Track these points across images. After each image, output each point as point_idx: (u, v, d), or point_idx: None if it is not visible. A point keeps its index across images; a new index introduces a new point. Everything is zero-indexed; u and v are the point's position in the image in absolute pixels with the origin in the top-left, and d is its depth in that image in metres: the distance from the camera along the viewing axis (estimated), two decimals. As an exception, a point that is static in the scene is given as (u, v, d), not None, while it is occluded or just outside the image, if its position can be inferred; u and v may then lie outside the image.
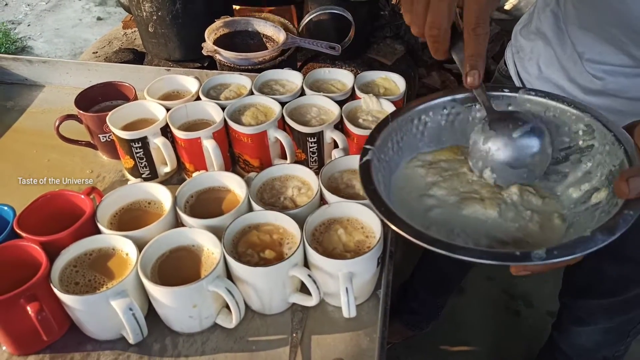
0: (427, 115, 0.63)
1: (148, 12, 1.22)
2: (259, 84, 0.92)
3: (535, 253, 0.44)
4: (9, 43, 3.47)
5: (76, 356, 0.65)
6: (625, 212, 0.46)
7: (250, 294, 0.66)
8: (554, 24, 0.81)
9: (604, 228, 0.46)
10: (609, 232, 0.45)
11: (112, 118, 0.83)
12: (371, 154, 0.57)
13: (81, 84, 1.02)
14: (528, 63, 0.88)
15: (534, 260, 0.44)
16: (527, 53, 0.88)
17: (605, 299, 1.04)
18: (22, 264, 0.63)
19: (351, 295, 0.62)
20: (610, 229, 0.45)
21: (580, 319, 1.14)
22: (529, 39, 0.89)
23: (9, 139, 1.01)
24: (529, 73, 0.88)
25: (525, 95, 0.61)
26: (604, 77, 0.75)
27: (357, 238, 0.68)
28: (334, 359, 0.64)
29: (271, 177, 0.76)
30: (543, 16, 0.84)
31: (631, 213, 0.46)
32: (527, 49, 0.89)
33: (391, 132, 0.61)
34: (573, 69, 0.79)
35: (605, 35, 0.72)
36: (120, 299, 0.60)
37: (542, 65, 0.85)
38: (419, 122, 0.63)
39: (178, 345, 0.66)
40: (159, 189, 0.74)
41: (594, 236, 0.45)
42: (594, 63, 0.76)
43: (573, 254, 0.45)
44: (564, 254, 0.44)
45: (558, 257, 0.44)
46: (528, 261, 0.44)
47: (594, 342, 1.14)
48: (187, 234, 0.68)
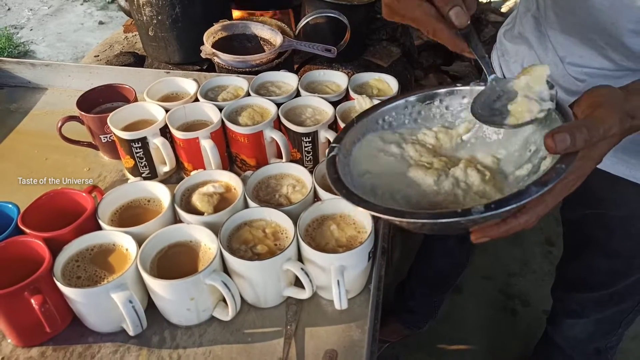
0: (390, 115, 0.66)
1: (148, 16, 1.24)
2: (255, 86, 0.94)
3: (475, 208, 0.47)
4: (12, 47, 3.51)
5: (78, 348, 0.67)
6: (558, 166, 0.49)
7: (246, 288, 0.68)
8: (535, 29, 0.84)
9: (538, 181, 0.48)
10: (543, 184, 0.48)
11: (112, 119, 0.86)
12: (337, 149, 0.60)
13: (83, 87, 1.05)
14: (513, 65, 0.90)
15: (473, 215, 0.47)
16: (512, 56, 0.91)
17: (596, 292, 1.06)
18: (26, 259, 0.66)
19: (342, 287, 0.64)
20: (544, 182, 0.48)
21: (573, 311, 1.16)
22: (513, 42, 0.91)
23: (13, 140, 1.03)
24: (513, 74, 0.90)
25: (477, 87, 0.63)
26: (585, 79, 0.77)
27: (349, 233, 0.70)
28: (327, 350, 0.66)
29: (267, 175, 0.79)
30: (525, 20, 0.86)
31: (563, 166, 0.48)
32: (512, 51, 0.91)
33: (357, 131, 0.64)
34: (555, 72, 0.81)
35: (585, 40, 0.74)
36: (120, 292, 0.62)
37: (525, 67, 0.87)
38: (384, 122, 0.66)
39: (176, 337, 0.68)
40: (158, 187, 0.76)
41: (528, 189, 0.47)
42: (575, 66, 0.78)
43: (509, 205, 0.47)
44: (501, 206, 0.47)
45: (496, 210, 0.47)
46: (468, 216, 0.47)
47: (587, 333, 1.16)
48: (185, 230, 0.70)
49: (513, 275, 1.89)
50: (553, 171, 0.49)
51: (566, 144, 0.47)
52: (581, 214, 0.98)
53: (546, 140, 0.48)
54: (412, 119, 0.66)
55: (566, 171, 0.48)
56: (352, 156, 0.63)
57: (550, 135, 0.48)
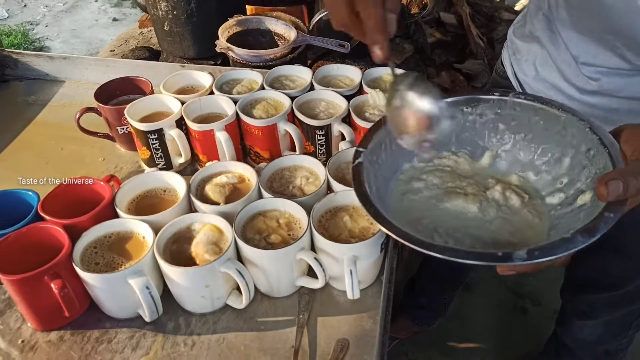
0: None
1: (164, 11, 1.26)
2: (269, 80, 0.95)
3: (517, 254, 0.46)
4: (28, 43, 3.56)
5: (95, 333, 0.69)
6: (606, 215, 0.48)
7: (260, 277, 0.70)
8: (547, 28, 0.83)
9: (585, 230, 0.47)
10: (589, 234, 0.47)
11: (130, 111, 0.87)
12: (363, 156, 0.59)
13: (100, 80, 1.06)
14: (525, 64, 0.90)
15: (515, 261, 0.46)
16: (524, 54, 0.90)
17: (606, 293, 1.06)
18: (46, 245, 0.67)
19: (355, 277, 0.65)
20: (591, 231, 0.47)
21: (582, 312, 1.15)
22: (524, 40, 0.91)
23: (31, 132, 1.05)
24: (525, 74, 0.90)
25: (515, 99, 0.63)
26: (599, 77, 0.77)
27: (361, 225, 0.71)
28: (339, 339, 0.67)
29: (281, 167, 0.80)
30: (535, 20, 0.86)
31: (612, 216, 0.47)
32: (524, 50, 0.90)
33: (385, 135, 0.63)
34: (568, 71, 0.80)
35: (599, 40, 0.74)
36: (137, 278, 0.63)
37: (538, 66, 0.87)
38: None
39: (191, 324, 0.69)
40: (174, 177, 0.78)
41: (574, 238, 0.47)
42: (589, 66, 0.77)
43: (553, 255, 0.46)
44: (544, 255, 0.46)
45: (539, 258, 0.46)
46: (509, 262, 0.46)
47: (597, 335, 1.16)
48: (201, 219, 0.71)
49: (524, 274, 1.89)
50: (601, 220, 0.47)
51: (619, 192, 0.46)
52: None
53: (600, 188, 0.47)
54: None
55: (614, 221, 0.47)
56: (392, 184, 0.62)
57: (604, 183, 0.46)
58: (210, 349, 0.66)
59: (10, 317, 0.70)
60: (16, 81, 1.18)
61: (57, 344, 0.67)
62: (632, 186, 0.46)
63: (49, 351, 0.66)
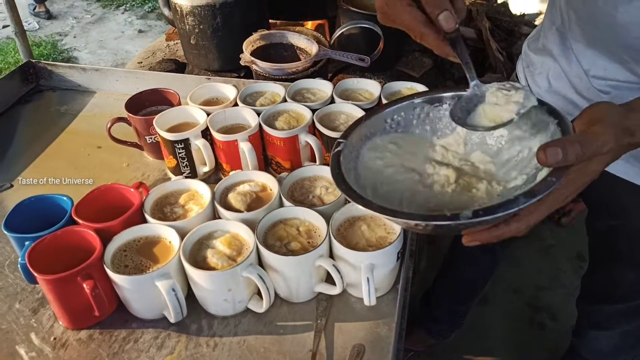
0: (399, 115, 0.68)
1: (190, 25, 1.31)
2: (292, 92, 0.99)
3: (463, 213, 0.49)
4: (56, 54, 3.68)
5: (122, 332, 0.72)
6: (549, 179, 0.50)
7: (280, 282, 0.72)
8: (559, 42, 0.85)
9: (527, 192, 0.50)
10: (532, 195, 0.49)
11: (158, 121, 0.92)
12: (342, 145, 0.62)
13: (129, 91, 1.11)
14: (538, 77, 0.92)
15: (461, 219, 0.49)
16: (537, 67, 0.92)
17: (622, 304, 1.06)
18: (79, 248, 0.71)
19: (372, 284, 0.67)
20: (532, 193, 0.50)
21: (598, 323, 1.15)
22: (537, 53, 0.93)
23: (64, 140, 1.10)
24: (539, 86, 0.92)
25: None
26: (609, 90, 0.79)
27: (379, 234, 0.73)
28: (355, 344, 0.69)
29: (301, 177, 0.83)
30: (549, 34, 0.88)
31: (553, 179, 0.50)
32: (537, 63, 0.92)
33: (363, 128, 0.66)
34: (579, 84, 0.82)
35: (609, 54, 0.76)
36: (164, 280, 0.67)
37: (551, 79, 0.89)
38: (392, 121, 0.68)
39: (213, 327, 0.72)
40: (199, 184, 0.81)
41: (517, 199, 0.49)
42: (599, 79, 0.79)
43: (496, 213, 0.49)
44: (488, 213, 0.49)
45: (483, 216, 0.49)
46: (456, 220, 0.49)
47: (613, 346, 1.16)
48: (224, 226, 0.74)
49: (542, 289, 1.88)
50: (543, 183, 0.50)
51: (557, 158, 0.49)
52: (607, 225, 0.98)
53: (538, 153, 0.49)
54: (421, 120, 0.68)
55: (556, 184, 0.49)
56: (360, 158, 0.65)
57: (543, 149, 0.49)
58: (231, 350, 0.69)
59: (43, 316, 0.74)
60: (50, 91, 1.24)
61: (87, 342, 0.71)
62: (571, 152, 0.49)
63: (79, 349, 0.70)
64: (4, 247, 0.84)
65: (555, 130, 0.56)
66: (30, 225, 0.73)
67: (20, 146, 1.08)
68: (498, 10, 2.25)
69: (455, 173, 0.62)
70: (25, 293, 0.77)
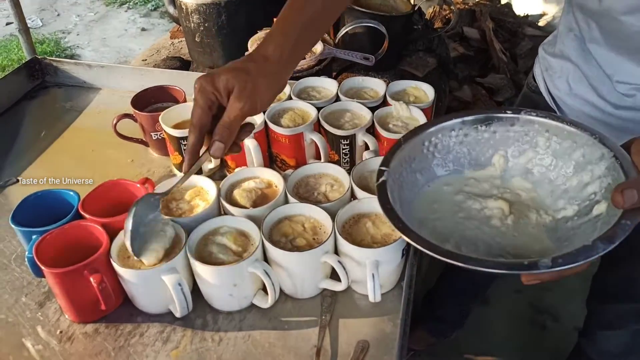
0: (436, 137, 0.68)
1: (195, 23, 1.31)
2: (297, 90, 0.99)
3: (542, 261, 0.49)
4: (60, 51, 3.68)
5: (128, 326, 0.72)
6: (623, 222, 0.50)
7: (285, 278, 0.73)
8: (578, 47, 0.84)
9: (604, 237, 0.50)
10: (609, 240, 0.50)
11: (164, 117, 0.92)
12: (386, 174, 0.62)
13: (134, 88, 1.11)
14: (558, 80, 0.91)
15: (540, 269, 0.49)
16: (557, 71, 0.91)
17: (635, 303, 1.06)
18: (86, 242, 0.72)
19: (377, 281, 0.68)
20: (610, 238, 0.50)
21: (609, 323, 1.15)
22: (555, 58, 0.92)
23: (70, 136, 1.11)
24: (559, 89, 0.91)
25: (527, 116, 0.65)
26: (634, 94, 0.78)
27: (383, 231, 0.74)
28: (359, 340, 0.69)
29: (306, 174, 0.83)
30: (567, 40, 0.87)
31: (628, 223, 0.50)
32: (556, 67, 0.91)
33: (404, 154, 0.66)
34: (602, 88, 0.82)
35: (634, 59, 0.75)
36: (171, 275, 0.67)
37: (571, 82, 0.88)
38: (430, 143, 0.68)
39: (218, 322, 0.73)
40: (205, 181, 0.81)
41: (594, 245, 0.50)
42: (624, 83, 0.78)
43: (576, 262, 0.49)
44: (567, 262, 0.49)
45: (562, 265, 0.49)
46: (535, 269, 0.49)
47: (623, 346, 1.15)
48: (230, 222, 0.75)
49: (544, 289, 1.88)
50: (619, 227, 0.50)
51: (634, 200, 0.49)
52: None
53: (615, 196, 0.49)
54: (458, 141, 0.68)
55: (631, 227, 0.50)
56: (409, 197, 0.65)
57: (620, 191, 0.49)
58: (236, 345, 0.70)
59: (49, 309, 0.75)
60: (55, 88, 1.25)
61: (93, 335, 0.71)
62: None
63: (85, 342, 0.70)
64: (10, 241, 0.84)
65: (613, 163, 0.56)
66: (36, 220, 0.73)
67: (26, 142, 1.09)
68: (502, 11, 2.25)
69: (506, 203, 0.62)
70: (31, 287, 0.78)
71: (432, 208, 0.66)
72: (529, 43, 2.19)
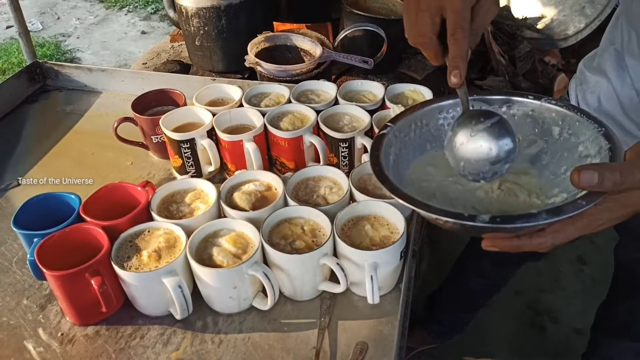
0: (454, 110, 0.68)
1: (195, 27, 1.32)
2: (296, 94, 1.00)
3: (481, 217, 0.49)
4: (60, 54, 3.69)
5: (128, 329, 0.73)
6: (579, 201, 0.49)
7: (284, 280, 0.73)
8: (615, 62, 0.85)
9: (552, 210, 0.49)
10: (555, 213, 0.49)
11: (164, 121, 0.93)
12: (388, 129, 0.64)
13: (134, 91, 1.12)
14: (589, 95, 0.92)
15: (477, 222, 0.49)
16: (591, 86, 0.92)
17: (636, 342, 1.05)
18: (87, 245, 0.72)
19: (375, 283, 0.68)
20: (557, 212, 0.49)
21: (610, 357, 1.14)
22: (592, 72, 0.93)
23: (70, 139, 1.11)
24: (589, 105, 0.92)
25: (547, 104, 0.66)
26: None
27: (382, 233, 0.74)
28: (358, 342, 0.70)
29: (306, 177, 0.84)
30: (607, 54, 0.88)
31: (583, 203, 0.49)
32: (591, 82, 0.92)
33: (415, 117, 0.67)
34: (629, 105, 0.82)
35: None
36: (171, 277, 0.68)
37: (602, 99, 0.89)
38: (447, 114, 0.69)
39: (218, 324, 0.73)
40: (205, 184, 0.82)
41: (539, 214, 0.49)
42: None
43: (513, 223, 0.49)
44: (505, 222, 0.49)
45: (500, 224, 0.49)
46: (471, 221, 0.49)
47: None
48: (230, 224, 0.75)
49: (543, 291, 1.88)
50: (571, 204, 0.49)
51: (592, 182, 0.47)
52: (635, 258, 0.97)
53: (572, 174, 0.48)
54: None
55: (585, 207, 0.49)
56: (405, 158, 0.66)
57: (578, 170, 0.48)
58: (236, 347, 0.70)
59: (51, 312, 0.75)
60: (56, 91, 1.25)
61: (94, 337, 0.72)
62: (607, 179, 0.47)
63: (86, 344, 0.71)
64: (12, 244, 0.85)
65: (606, 156, 0.55)
66: (38, 223, 0.74)
67: (27, 145, 1.09)
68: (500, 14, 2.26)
69: (497, 181, 0.62)
70: (32, 289, 0.78)
71: (427, 170, 0.67)
72: (528, 46, 2.20)
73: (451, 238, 2.05)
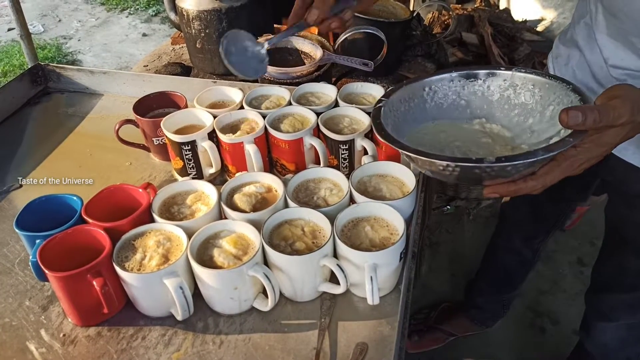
0: (436, 85, 0.77)
1: (197, 29, 1.33)
2: (296, 96, 1.01)
3: (488, 158, 0.57)
4: (61, 56, 3.70)
5: (130, 330, 0.73)
6: (566, 139, 0.57)
7: (284, 282, 0.74)
8: (586, 34, 0.91)
9: (546, 147, 0.57)
10: (548, 150, 0.57)
11: (165, 123, 0.93)
12: (384, 103, 0.72)
13: (136, 94, 1.13)
14: (564, 68, 0.98)
15: (484, 163, 0.56)
16: (564, 59, 0.98)
17: (627, 294, 1.08)
18: (88, 246, 0.73)
19: (375, 284, 0.69)
20: (550, 149, 0.57)
21: (603, 314, 1.17)
22: (566, 45, 0.99)
23: (72, 141, 1.12)
24: (564, 75, 0.95)
25: (518, 73, 0.73)
26: (626, 79, 0.83)
27: (382, 235, 0.75)
28: (358, 342, 0.70)
29: (306, 179, 0.84)
30: (577, 28, 0.94)
31: (570, 139, 0.57)
32: (564, 54, 0.98)
33: (404, 92, 0.76)
34: (600, 73, 0.87)
35: (626, 44, 0.80)
36: (172, 278, 0.68)
37: (575, 69, 0.95)
38: (430, 90, 0.77)
39: (219, 325, 0.74)
40: (206, 185, 0.83)
41: (536, 152, 0.57)
42: (616, 68, 0.84)
43: (517, 160, 0.56)
44: (509, 160, 0.56)
45: (505, 162, 0.56)
46: (480, 163, 0.56)
47: (619, 340, 1.17)
48: (231, 226, 0.76)
49: (543, 293, 1.89)
50: (561, 142, 0.57)
51: (577, 120, 0.55)
52: (622, 214, 1.02)
53: (561, 114, 0.56)
54: (456, 92, 0.76)
55: (572, 143, 0.57)
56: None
57: (566, 111, 0.56)
58: (236, 348, 0.71)
59: (52, 313, 0.76)
60: (58, 93, 1.26)
61: (95, 338, 0.72)
62: (589, 117, 0.55)
63: (88, 345, 0.71)
64: (14, 246, 0.86)
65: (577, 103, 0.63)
66: (40, 224, 0.74)
67: (29, 147, 1.10)
68: (500, 17, 2.26)
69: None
70: (34, 290, 0.79)
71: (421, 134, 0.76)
72: (527, 48, 2.20)
73: (452, 238, 2.06)
